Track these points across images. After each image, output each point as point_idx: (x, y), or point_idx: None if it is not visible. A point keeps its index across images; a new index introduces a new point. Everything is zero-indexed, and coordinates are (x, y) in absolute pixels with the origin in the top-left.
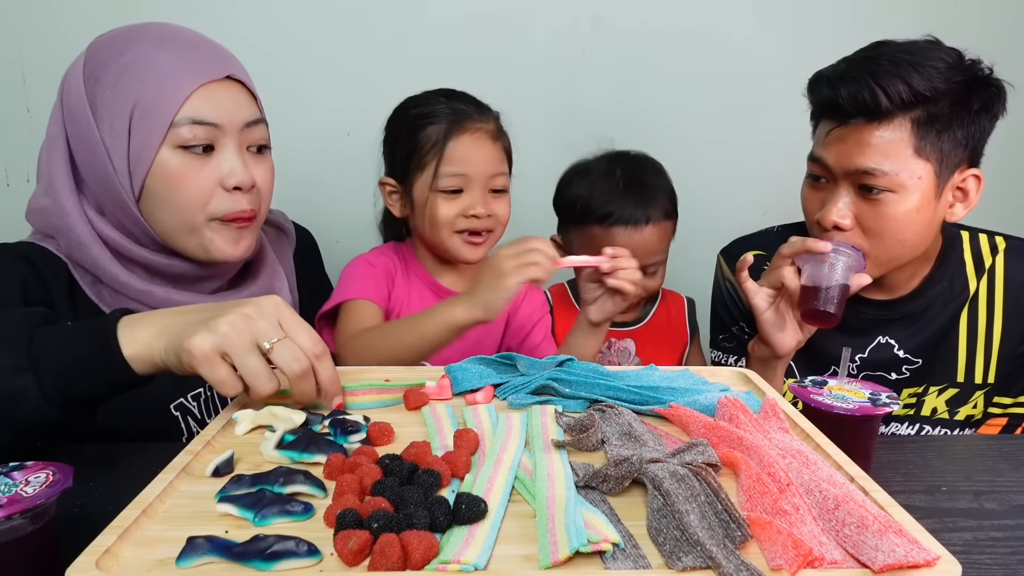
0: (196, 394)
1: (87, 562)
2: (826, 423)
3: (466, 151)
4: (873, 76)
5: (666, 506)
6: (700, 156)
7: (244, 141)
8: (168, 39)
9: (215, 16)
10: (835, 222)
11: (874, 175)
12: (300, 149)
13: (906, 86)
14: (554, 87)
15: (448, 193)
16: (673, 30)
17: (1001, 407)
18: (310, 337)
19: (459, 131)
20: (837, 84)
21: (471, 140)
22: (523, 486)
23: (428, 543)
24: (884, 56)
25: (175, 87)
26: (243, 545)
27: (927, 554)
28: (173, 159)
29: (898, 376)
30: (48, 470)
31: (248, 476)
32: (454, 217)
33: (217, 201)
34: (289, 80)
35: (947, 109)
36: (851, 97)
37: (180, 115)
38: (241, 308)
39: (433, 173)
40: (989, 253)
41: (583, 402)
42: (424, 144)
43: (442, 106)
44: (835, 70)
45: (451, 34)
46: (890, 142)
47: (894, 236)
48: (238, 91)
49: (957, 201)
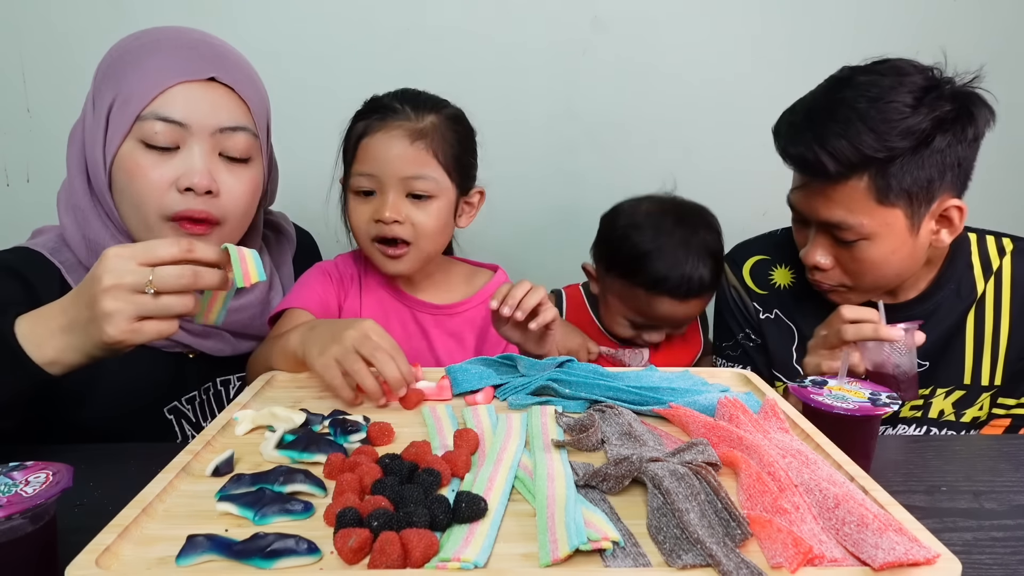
0: (191, 397)
1: (87, 560)
2: (826, 423)
3: (377, 150)
4: (820, 140)
5: (666, 505)
6: (700, 157)
7: (217, 146)
8: (169, 39)
9: (215, 16)
10: (816, 263)
11: (841, 228)
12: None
13: (854, 150)
14: (554, 88)
15: (360, 194)
16: (673, 30)
17: (1005, 408)
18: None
19: (375, 129)
20: (787, 145)
21: (384, 139)
22: (523, 485)
23: (428, 541)
24: (840, 108)
25: (151, 82)
26: (243, 543)
27: (927, 552)
28: (135, 152)
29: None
30: (48, 470)
31: (248, 475)
32: (366, 222)
33: (170, 200)
34: (289, 80)
35: (908, 155)
36: (800, 161)
37: (148, 110)
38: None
39: (348, 172)
40: (996, 255)
41: (583, 402)
42: (348, 141)
43: (379, 103)
44: (788, 124)
45: (451, 34)
46: (852, 198)
47: (874, 274)
48: (222, 95)
49: (943, 228)
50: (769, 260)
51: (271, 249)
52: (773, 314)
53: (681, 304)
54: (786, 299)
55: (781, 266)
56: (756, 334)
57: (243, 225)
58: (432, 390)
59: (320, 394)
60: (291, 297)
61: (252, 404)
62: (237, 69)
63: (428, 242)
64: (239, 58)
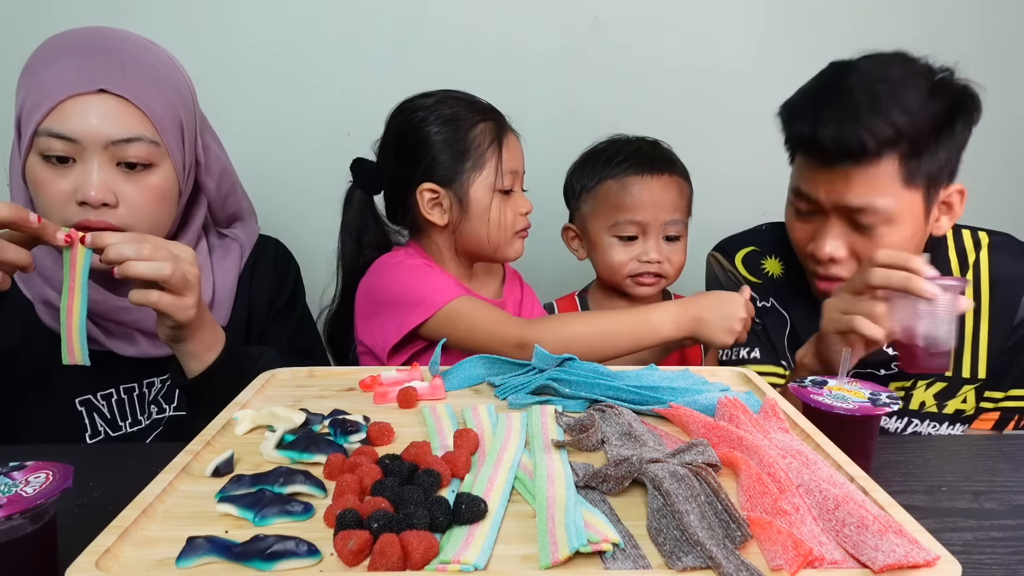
0: (107, 394)
1: (87, 562)
2: (826, 423)
3: (518, 149)
4: (855, 118)
5: (666, 506)
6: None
7: (114, 157)
8: (67, 47)
9: (214, 16)
10: (830, 255)
11: (865, 212)
12: (300, 149)
13: (890, 126)
14: (554, 89)
15: (504, 194)
16: (673, 31)
17: (992, 401)
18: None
19: (508, 129)
20: (816, 125)
21: (516, 140)
22: (523, 486)
23: (428, 543)
24: (860, 89)
25: (45, 97)
26: (243, 545)
27: (927, 554)
28: (36, 166)
29: (886, 372)
30: (48, 470)
31: (248, 476)
32: (512, 218)
33: (70, 213)
34: (289, 80)
35: (932, 135)
36: (834, 141)
37: (43, 126)
38: None
39: (495, 171)
40: (972, 248)
41: (583, 402)
42: (479, 143)
43: (473, 104)
44: (810, 105)
45: (451, 34)
46: (879, 179)
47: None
48: (113, 106)
49: (943, 215)
50: (759, 251)
51: (213, 255)
52: (769, 302)
53: (654, 179)
54: (780, 288)
55: (772, 257)
56: (757, 315)
57: (156, 228)
58: (426, 389)
59: (320, 394)
60: (430, 296)
61: (252, 403)
62: (135, 76)
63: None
64: (141, 61)
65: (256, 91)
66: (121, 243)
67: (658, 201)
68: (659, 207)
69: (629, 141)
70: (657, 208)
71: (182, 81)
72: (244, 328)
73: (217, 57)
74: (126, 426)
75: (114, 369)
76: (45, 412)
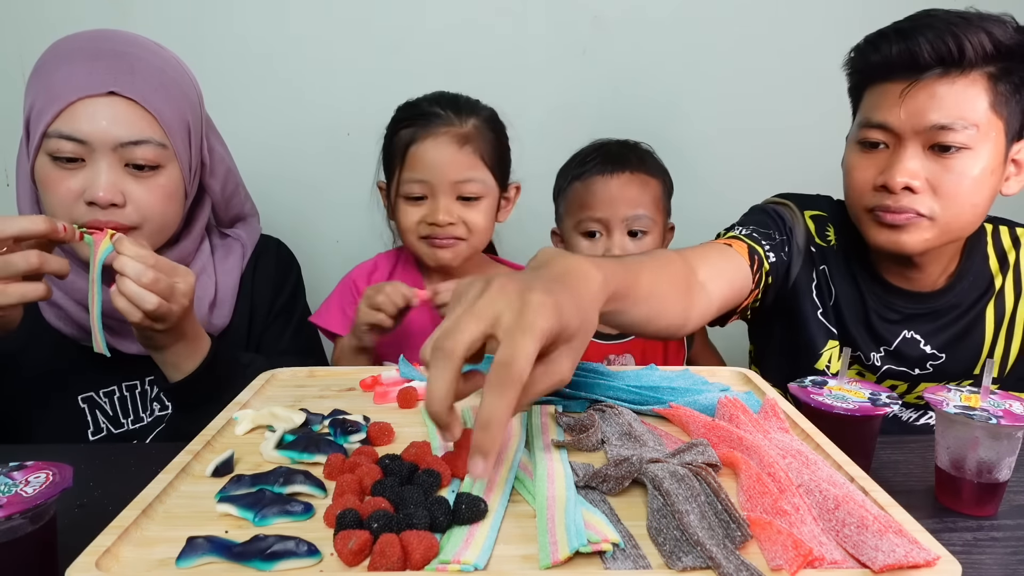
0: (109, 391)
1: (87, 562)
2: (826, 423)
3: (427, 156)
4: (953, 27)
5: (666, 506)
6: (701, 156)
7: (122, 158)
8: (78, 50)
9: (215, 16)
10: (906, 183)
11: (950, 130)
12: (300, 149)
13: (988, 36)
14: (554, 87)
15: (411, 200)
16: (673, 29)
17: None
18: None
19: (423, 136)
20: (913, 35)
21: (433, 145)
22: (523, 486)
23: (428, 543)
24: (951, 13)
25: (55, 99)
26: (243, 545)
27: (927, 554)
28: (45, 166)
29: (920, 371)
30: (48, 470)
31: (248, 476)
32: (416, 223)
33: (79, 212)
34: (289, 80)
35: (1020, 67)
36: (931, 47)
37: (52, 127)
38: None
39: (398, 179)
40: (1011, 246)
41: (583, 402)
42: (396, 149)
43: (420, 109)
44: (903, 25)
45: (451, 34)
46: (967, 95)
47: (968, 199)
48: (123, 109)
49: (1012, 176)
50: (826, 217)
51: (215, 255)
52: (821, 270)
53: (613, 178)
54: (832, 261)
55: (833, 227)
56: (781, 251)
57: (163, 227)
58: (424, 388)
59: (320, 394)
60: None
61: (252, 403)
62: (144, 79)
63: (478, 239)
64: (150, 65)
65: (256, 91)
66: (132, 259)
67: (616, 197)
68: (618, 203)
69: (605, 143)
70: (616, 204)
71: (189, 84)
72: (246, 327)
73: (217, 58)
74: (128, 423)
75: (116, 366)
76: (48, 410)
